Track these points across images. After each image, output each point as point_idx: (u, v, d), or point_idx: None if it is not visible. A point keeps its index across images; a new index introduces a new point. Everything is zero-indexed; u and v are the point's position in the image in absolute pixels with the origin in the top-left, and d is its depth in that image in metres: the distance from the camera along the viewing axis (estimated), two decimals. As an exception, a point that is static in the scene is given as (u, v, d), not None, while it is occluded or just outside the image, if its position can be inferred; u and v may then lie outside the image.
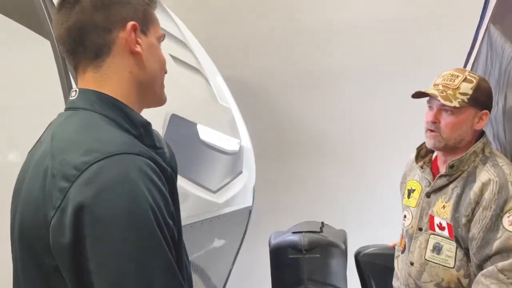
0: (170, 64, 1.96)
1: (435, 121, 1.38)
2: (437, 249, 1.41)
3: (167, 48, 2.02)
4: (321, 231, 2.02)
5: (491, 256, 1.31)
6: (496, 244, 1.30)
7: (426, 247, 1.43)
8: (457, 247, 1.38)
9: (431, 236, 1.43)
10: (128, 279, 0.70)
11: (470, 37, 2.16)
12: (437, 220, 1.41)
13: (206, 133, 2.07)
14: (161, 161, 0.80)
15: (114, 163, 0.72)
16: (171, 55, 1.99)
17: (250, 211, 3.10)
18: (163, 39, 0.87)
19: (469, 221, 1.35)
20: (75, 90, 0.82)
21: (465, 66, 1.98)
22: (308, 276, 1.83)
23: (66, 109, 0.82)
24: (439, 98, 1.35)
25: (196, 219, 2.04)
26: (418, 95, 1.43)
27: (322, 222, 2.27)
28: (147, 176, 0.73)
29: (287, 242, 1.83)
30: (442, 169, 1.45)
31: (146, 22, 0.83)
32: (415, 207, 1.50)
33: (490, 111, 1.42)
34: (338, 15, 3.59)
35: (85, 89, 0.81)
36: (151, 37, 0.84)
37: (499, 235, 1.30)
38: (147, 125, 0.83)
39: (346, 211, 3.44)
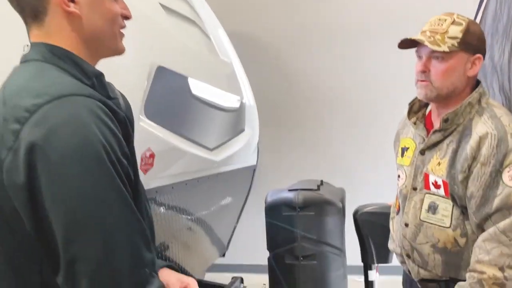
0: (159, 14, 1.86)
1: (425, 70, 1.29)
2: (433, 208, 1.33)
3: (156, -3, 1.92)
4: (318, 189, 1.95)
5: (491, 215, 1.24)
6: (496, 202, 1.23)
7: (421, 207, 1.36)
8: (453, 206, 1.31)
9: (426, 195, 1.35)
10: (83, 214, 0.70)
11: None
12: (432, 178, 1.33)
13: (198, 88, 1.98)
14: (113, 105, 0.80)
15: (64, 104, 0.73)
16: (161, 4, 1.88)
17: (254, 170, 3.06)
18: None
19: (466, 178, 1.27)
20: (27, 45, 0.83)
21: (476, 14, 1.82)
22: (302, 234, 1.78)
23: (20, 64, 0.84)
24: (426, 43, 1.25)
25: (190, 176, 2.00)
26: (404, 44, 1.33)
27: (321, 181, 2.21)
28: (98, 117, 0.73)
29: (281, 199, 1.79)
30: (436, 124, 1.35)
31: None
32: (408, 165, 1.42)
33: (483, 55, 1.32)
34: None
35: (36, 42, 0.82)
36: None
37: (499, 192, 1.23)
38: (100, 75, 0.84)
39: (351, 170, 3.37)
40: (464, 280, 1.27)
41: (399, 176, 1.47)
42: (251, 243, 3.25)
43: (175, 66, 1.78)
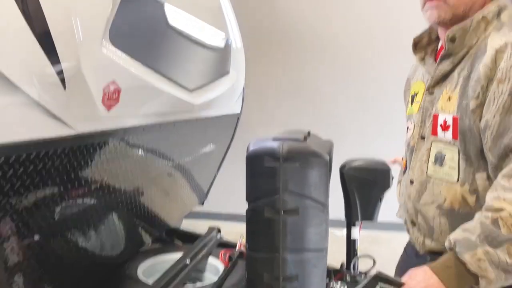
0: None
1: None
2: (440, 159, 1.13)
3: None
4: (305, 140, 1.79)
5: None
6: None
7: (428, 159, 1.16)
8: (459, 154, 1.09)
9: (433, 143, 1.15)
10: None
11: None
12: (441, 118, 1.12)
13: (178, 18, 1.74)
14: None
15: None
16: None
17: (238, 119, 2.89)
18: None
19: (481, 104, 1.03)
20: None
21: None
22: (284, 186, 1.63)
23: None
24: None
25: (164, 118, 1.81)
26: None
27: (309, 132, 2.04)
28: None
29: (264, 149, 1.62)
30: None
31: None
32: (417, 112, 1.22)
33: None
34: None
35: None
36: None
37: None
38: None
39: (342, 123, 3.22)
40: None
41: (407, 128, 1.28)
42: (230, 192, 3.15)
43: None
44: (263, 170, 1.70)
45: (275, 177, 1.59)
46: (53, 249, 1.39)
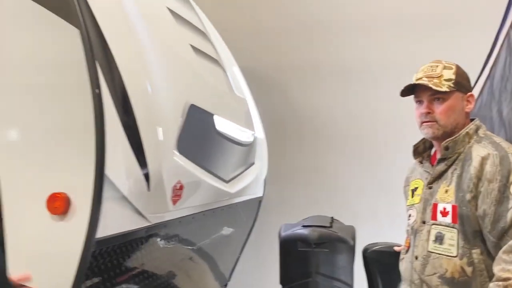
0: (189, 55, 1.99)
1: (429, 112, 1.42)
2: (439, 239, 1.40)
3: (187, 38, 2.07)
4: (331, 226, 2.05)
5: (507, 229, 1.29)
6: (510, 215, 1.29)
7: (428, 239, 1.43)
8: (458, 234, 1.37)
9: (433, 226, 1.42)
10: None
11: (489, 41, 2.15)
12: (440, 207, 1.41)
13: (222, 124, 2.10)
14: None
15: None
16: (191, 45, 2.02)
17: (260, 202, 3.14)
18: None
19: (475, 197, 1.34)
20: None
21: (483, 68, 1.98)
22: (316, 270, 1.86)
23: None
24: (431, 85, 1.39)
25: (209, 207, 2.09)
26: (405, 92, 1.47)
27: (332, 217, 2.30)
28: None
29: (297, 235, 1.87)
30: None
31: None
32: (419, 202, 1.50)
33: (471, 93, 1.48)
34: (350, 10, 3.59)
35: None
36: None
37: (510, 205, 1.29)
38: None
39: (356, 206, 3.45)
40: None
41: (409, 215, 1.54)
42: (253, 274, 3.30)
43: (204, 104, 1.90)
44: (297, 254, 1.94)
45: (308, 261, 1.80)
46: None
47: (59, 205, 1.22)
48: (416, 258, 1.46)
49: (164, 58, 1.68)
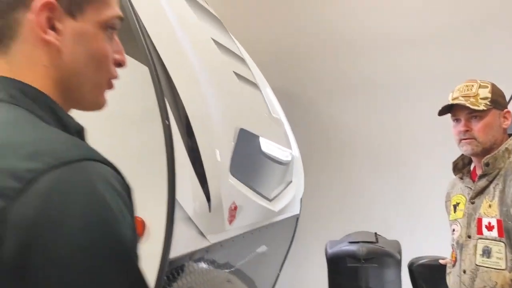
0: (234, 82, 2.10)
1: (468, 129, 1.48)
2: (487, 252, 1.43)
3: (230, 66, 2.18)
4: (377, 241, 2.09)
5: None
6: None
7: (475, 253, 1.46)
8: (505, 247, 1.40)
9: (479, 240, 1.46)
10: None
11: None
12: (485, 221, 1.45)
13: (266, 145, 2.19)
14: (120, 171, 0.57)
15: (75, 175, 0.50)
16: (235, 73, 2.14)
17: (297, 219, 3.20)
18: (115, 26, 0.65)
19: None
20: None
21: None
22: (365, 285, 1.91)
23: None
24: (468, 104, 1.45)
25: (256, 226, 2.17)
26: (443, 111, 1.53)
27: (375, 233, 2.34)
28: (118, 194, 0.52)
29: (345, 251, 1.92)
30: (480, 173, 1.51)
31: (78, 1, 0.61)
32: (462, 217, 1.54)
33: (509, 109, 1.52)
34: (381, 26, 3.67)
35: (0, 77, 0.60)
36: (86, 21, 0.61)
37: None
38: (82, 131, 0.64)
39: (393, 220, 3.47)
40: None
41: (453, 230, 1.58)
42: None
43: (250, 127, 2.00)
44: (345, 271, 1.99)
45: (357, 276, 1.85)
46: None
47: (137, 228, 1.32)
48: (464, 272, 1.49)
49: (214, 86, 1.79)
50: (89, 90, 0.64)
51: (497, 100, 1.50)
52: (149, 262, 1.32)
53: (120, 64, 0.67)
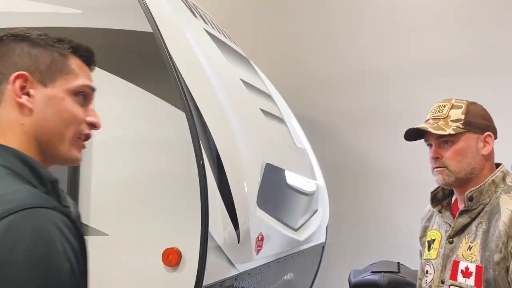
0: (260, 118, 2.26)
1: (438, 156, 1.28)
2: None
3: (257, 103, 2.35)
4: (399, 271, 2.16)
5: None
6: None
7: None
8: None
9: (451, 287, 1.24)
10: None
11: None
12: (462, 265, 1.22)
13: (291, 178, 2.32)
14: (74, 217, 0.71)
15: (27, 218, 0.64)
16: (261, 109, 2.29)
17: (323, 247, 3.27)
18: (87, 93, 0.80)
19: (504, 258, 1.16)
20: None
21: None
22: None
23: None
24: (430, 129, 1.26)
25: (282, 255, 2.27)
26: (410, 136, 1.35)
27: (398, 263, 2.39)
28: (64, 235, 0.65)
29: (367, 281, 1.99)
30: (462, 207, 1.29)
31: (49, 73, 0.77)
32: (436, 258, 1.32)
33: (494, 133, 1.31)
34: (402, 56, 3.76)
35: None
36: (56, 88, 0.77)
37: None
38: (55, 182, 0.77)
39: (416, 248, 3.48)
40: None
41: (427, 272, 1.35)
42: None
43: (276, 161, 2.14)
44: (368, 300, 2.04)
45: (380, 306, 1.91)
46: None
47: (172, 258, 1.46)
48: None
49: (243, 124, 1.95)
50: (60, 144, 0.77)
51: (473, 122, 1.28)
52: (184, 289, 1.45)
53: (94, 125, 0.81)
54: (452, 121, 1.28)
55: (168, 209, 1.52)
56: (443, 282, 1.26)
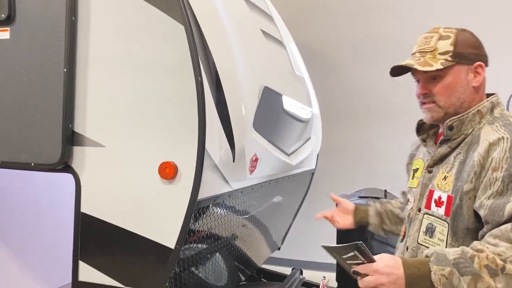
0: (261, 40, 2.19)
1: (426, 92, 1.21)
2: (430, 231, 1.20)
3: (259, 23, 2.26)
4: (385, 197, 2.24)
5: (502, 224, 1.04)
6: (508, 209, 1.03)
7: (419, 229, 1.24)
8: (448, 229, 1.16)
9: (425, 216, 1.23)
10: None
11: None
12: (436, 194, 1.20)
13: (288, 103, 2.31)
14: None
15: None
16: (262, 30, 2.22)
17: (313, 173, 3.37)
18: None
19: (473, 188, 1.11)
20: None
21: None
22: (371, 236, 2.08)
23: None
24: (416, 66, 1.17)
25: (273, 177, 2.34)
26: (396, 71, 1.25)
27: (385, 190, 2.49)
28: None
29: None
30: None
31: None
32: (416, 187, 1.31)
33: (485, 61, 1.21)
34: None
35: None
36: None
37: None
38: None
39: (403, 179, 3.60)
40: None
41: (408, 200, 1.35)
42: (304, 242, 3.57)
43: (274, 85, 2.11)
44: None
45: (364, 229, 2.00)
46: (187, 278, 1.89)
47: (169, 171, 1.50)
48: (407, 249, 1.27)
49: (242, 44, 1.89)
50: None
51: (462, 53, 1.17)
52: (179, 202, 1.51)
53: None
54: (440, 53, 1.18)
55: (166, 125, 1.53)
56: (419, 210, 1.25)
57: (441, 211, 1.17)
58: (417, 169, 1.33)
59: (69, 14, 1.64)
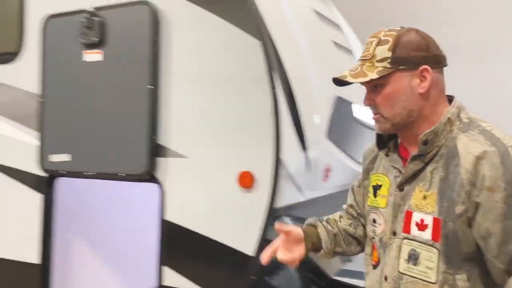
0: (331, 50, 2.21)
1: (371, 103, 1.11)
2: (413, 258, 1.08)
3: (328, 33, 2.28)
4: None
5: None
6: None
7: (399, 256, 1.10)
8: (439, 255, 1.04)
9: (404, 241, 1.09)
10: None
11: None
12: (417, 217, 1.08)
13: (359, 111, 2.29)
14: None
15: None
16: (331, 40, 2.23)
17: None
18: None
19: (466, 210, 1.01)
20: None
21: None
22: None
23: None
24: (348, 78, 1.09)
25: (347, 187, 2.32)
26: (340, 82, 1.15)
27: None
28: None
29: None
30: (413, 150, 1.11)
31: None
32: (385, 207, 1.16)
33: (435, 63, 1.08)
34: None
35: None
36: None
37: None
38: None
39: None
40: None
41: (374, 221, 1.18)
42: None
43: (345, 94, 2.11)
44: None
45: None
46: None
47: (247, 181, 1.56)
48: (386, 278, 1.13)
49: (315, 56, 1.93)
50: None
51: (403, 58, 1.06)
52: (257, 210, 1.56)
53: None
54: (378, 61, 1.06)
55: (244, 137, 1.60)
56: (394, 234, 1.12)
57: (426, 235, 1.05)
58: (379, 185, 1.18)
59: (152, 35, 1.78)
